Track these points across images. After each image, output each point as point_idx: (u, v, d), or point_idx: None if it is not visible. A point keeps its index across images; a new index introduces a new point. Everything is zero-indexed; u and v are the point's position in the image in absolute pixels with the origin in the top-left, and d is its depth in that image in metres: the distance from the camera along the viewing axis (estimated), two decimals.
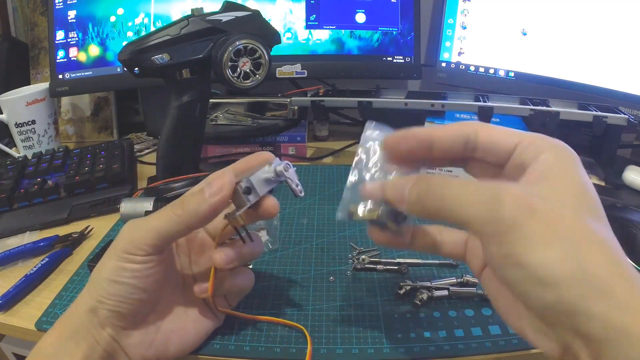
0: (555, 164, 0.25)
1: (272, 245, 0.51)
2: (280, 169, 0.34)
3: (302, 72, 0.76)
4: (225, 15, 0.52)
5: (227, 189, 0.32)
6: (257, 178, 0.33)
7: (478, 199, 0.24)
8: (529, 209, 0.22)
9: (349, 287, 0.45)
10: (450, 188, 0.25)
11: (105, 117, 0.89)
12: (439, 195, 0.25)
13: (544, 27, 0.71)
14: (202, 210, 0.31)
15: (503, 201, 0.23)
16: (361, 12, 0.76)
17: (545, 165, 0.25)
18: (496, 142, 0.27)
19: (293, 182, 0.35)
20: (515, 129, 0.27)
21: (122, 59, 0.51)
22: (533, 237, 0.22)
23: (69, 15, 0.74)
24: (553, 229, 0.22)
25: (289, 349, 0.37)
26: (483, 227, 0.23)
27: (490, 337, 0.38)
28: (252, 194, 0.33)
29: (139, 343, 0.33)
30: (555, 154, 0.25)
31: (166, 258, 0.34)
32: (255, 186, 0.33)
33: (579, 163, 0.25)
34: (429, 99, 0.63)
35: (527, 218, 0.22)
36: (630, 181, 0.62)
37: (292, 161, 0.74)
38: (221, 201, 0.32)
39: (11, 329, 0.42)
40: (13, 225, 0.56)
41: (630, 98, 0.65)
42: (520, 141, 0.26)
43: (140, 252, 0.31)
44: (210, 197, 0.31)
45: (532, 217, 0.22)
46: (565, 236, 0.22)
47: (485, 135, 0.27)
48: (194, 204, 0.31)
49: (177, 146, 0.56)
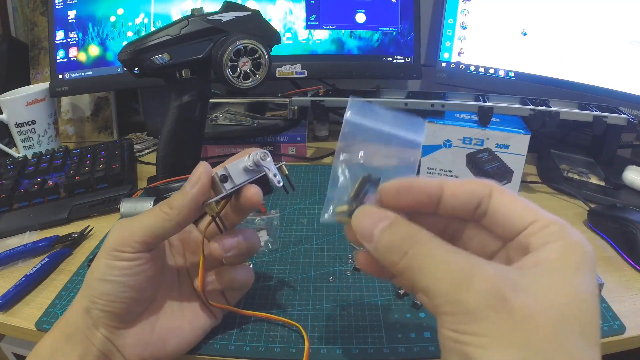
0: (561, 259, 0.21)
1: (272, 245, 0.51)
2: (257, 158, 0.34)
3: (302, 72, 0.76)
4: (225, 15, 0.52)
5: (204, 177, 0.33)
6: (235, 167, 0.34)
7: (447, 275, 0.21)
8: (499, 299, 0.20)
9: (349, 287, 0.45)
10: (424, 251, 0.22)
11: (105, 117, 0.89)
12: (410, 254, 0.22)
13: (544, 27, 0.71)
14: (186, 203, 0.32)
15: (472, 284, 0.20)
16: (361, 12, 0.76)
17: (549, 256, 0.21)
18: (509, 215, 0.23)
19: (271, 171, 0.34)
20: (534, 205, 0.23)
21: (122, 59, 0.51)
22: (493, 333, 0.19)
23: (69, 15, 0.74)
24: (519, 332, 0.19)
25: (289, 349, 0.37)
26: (443, 305, 0.21)
27: None
28: (228, 182, 0.33)
29: (134, 343, 0.33)
30: (567, 247, 0.21)
31: (157, 257, 0.34)
32: (231, 174, 0.33)
33: (591, 267, 0.21)
34: (429, 99, 0.63)
35: (493, 310, 0.19)
36: (630, 181, 0.62)
37: (292, 161, 0.75)
38: (200, 191, 0.32)
39: (11, 329, 0.42)
40: (13, 225, 0.56)
41: (630, 98, 0.65)
42: (536, 220, 0.22)
43: (129, 249, 0.31)
44: (190, 188, 0.32)
45: (500, 310, 0.19)
46: (530, 343, 0.19)
47: (498, 204, 0.23)
48: (179, 200, 0.32)
49: (177, 146, 0.56)
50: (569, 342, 0.19)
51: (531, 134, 0.59)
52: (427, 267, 0.22)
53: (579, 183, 0.64)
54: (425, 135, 0.62)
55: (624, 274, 0.47)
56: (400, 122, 0.29)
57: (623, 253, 0.50)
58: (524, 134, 0.59)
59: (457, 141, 0.61)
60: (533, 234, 0.22)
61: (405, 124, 0.29)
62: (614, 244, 0.51)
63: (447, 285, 0.21)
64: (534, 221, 0.22)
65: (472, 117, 0.63)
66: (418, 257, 0.22)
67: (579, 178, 0.65)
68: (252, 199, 0.34)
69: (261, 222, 0.55)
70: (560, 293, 0.20)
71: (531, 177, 0.69)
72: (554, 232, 0.22)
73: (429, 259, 0.22)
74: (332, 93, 0.71)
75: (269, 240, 0.52)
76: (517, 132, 0.59)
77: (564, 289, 0.20)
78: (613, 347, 0.39)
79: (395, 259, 0.23)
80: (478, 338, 0.19)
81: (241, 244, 0.35)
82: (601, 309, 0.41)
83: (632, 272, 0.48)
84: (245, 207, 0.35)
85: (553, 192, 0.65)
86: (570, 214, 0.59)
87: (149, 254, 0.33)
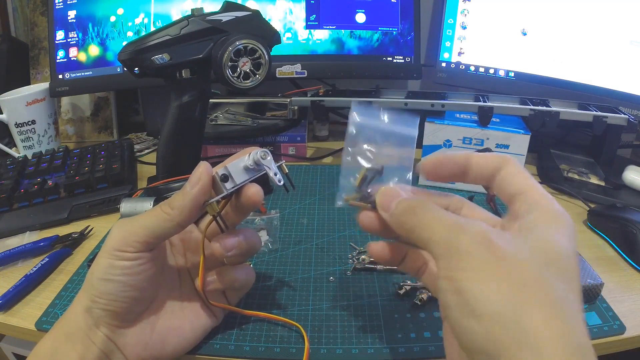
0: (544, 223, 0.24)
1: (272, 245, 0.51)
2: (257, 157, 0.34)
3: (302, 72, 0.76)
4: (225, 15, 0.52)
5: (204, 177, 0.33)
6: (236, 166, 0.34)
7: (444, 226, 0.25)
8: (486, 242, 0.23)
9: (349, 287, 0.45)
10: (428, 212, 0.27)
11: (105, 117, 0.89)
12: (419, 215, 0.27)
13: (544, 27, 0.71)
14: (187, 203, 0.32)
15: (464, 231, 0.24)
16: (361, 12, 0.76)
17: (533, 220, 0.25)
18: (509, 183, 0.27)
19: (271, 170, 0.34)
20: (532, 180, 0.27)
21: (122, 59, 0.51)
22: (480, 267, 0.22)
23: (69, 15, 0.74)
24: (506, 269, 0.22)
25: (289, 349, 0.37)
26: (439, 249, 0.24)
27: None
28: (229, 181, 0.33)
29: (135, 342, 0.33)
30: (549, 215, 0.25)
31: (158, 257, 0.34)
32: (232, 174, 0.33)
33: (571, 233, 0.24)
34: (429, 99, 0.63)
35: (481, 249, 0.23)
36: (630, 181, 0.62)
37: (292, 161, 0.75)
38: (201, 191, 0.32)
39: (11, 329, 0.42)
40: (13, 225, 0.56)
41: (630, 98, 0.65)
42: (525, 192, 0.26)
43: (130, 248, 0.32)
44: (191, 189, 0.32)
45: (487, 249, 0.22)
46: (513, 278, 0.21)
47: (505, 173, 0.27)
48: (180, 200, 0.32)
49: (177, 146, 0.56)
50: (551, 282, 0.22)
51: (531, 134, 0.59)
52: (428, 222, 0.26)
53: (579, 183, 0.64)
54: (425, 134, 0.62)
55: (624, 274, 0.47)
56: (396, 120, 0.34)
57: (623, 253, 0.49)
58: (524, 134, 0.59)
59: (457, 141, 0.62)
60: (522, 203, 0.26)
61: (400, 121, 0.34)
62: (614, 244, 0.51)
63: (444, 232, 0.24)
64: (523, 192, 0.26)
65: (472, 117, 0.63)
66: (423, 216, 0.27)
67: (579, 178, 0.65)
68: (252, 198, 0.34)
69: (261, 222, 0.55)
70: (542, 245, 0.23)
71: None
72: (539, 203, 0.25)
73: (431, 217, 0.26)
74: (332, 93, 0.71)
75: (269, 240, 0.52)
76: (517, 132, 0.59)
77: (546, 242, 0.23)
78: (613, 347, 0.39)
79: (406, 219, 0.28)
80: (469, 273, 0.22)
81: (242, 244, 0.36)
82: (601, 309, 0.41)
83: (632, 272, 0.48)
84: (246, 206, 0.35)
85: (553, 192, 0.65)
86: (570, 214, 0.58)
87: (150, 254, 0.33)
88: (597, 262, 0.48)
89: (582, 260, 0.44)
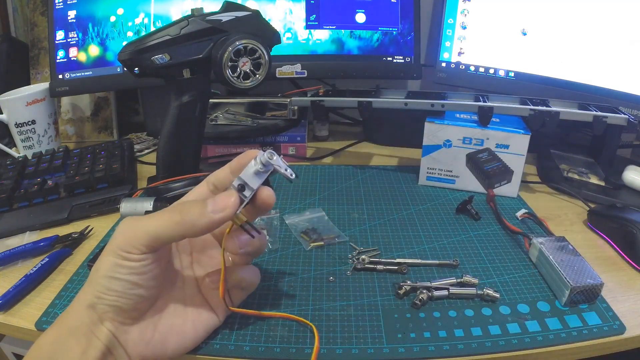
0: None
1: (272, 245, 0.51)
2: (265, 159, 0.34)
3: (302, 72, 0.76)
4: (225, 15, 0.52)
5: (230, 209, 0.33)
6: (247, 173, 0.34)
7: None
8: None
9: (349, 287, 0.45)
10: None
11: (105, 117, 0.89)
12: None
13: (544, 27, 0.71)
14: (201, 223, 0.32)
15: None
16: (361, 12, 0.76)
17: None
18: None
19: (282, 167, 0.35)
20: None
21: (122, 59, 0.51)
22: None
23: (69, 15, 0.74)
24: None
25: (289, 349, 0.37)
26: None
27: (490, 337, 0.38)
28: (246, 189, 0.34)
29: (137, 340, 0.33)
30: None
31: (164, 255, 0.35)
32: (247, 182, 0.34)
33: None
34: (429, 99, 0.63)
35: None
36: (630, 181, 0.62)
37: (292, 161, 0.75)
38: (223, 220, 0.32)
39: (11, 329, 0.42)
40: (13, 225, 0.56)
41: (630, 98, 0.65)
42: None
43: (135, 250, 0.32)
44: (213, 213, 0.32)
45: None
46: None
47: None
48: (194, 215, 0.32)
49: (177, 146, 0.56)
50: None
51: (531, 134, 0.59)
52: None
53: (579, 183, 0.64)
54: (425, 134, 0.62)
55: (624, 274, 0.47)
56: None
57: (623, 253, 0.49)
58: (524, 134, 0.59)
59: (457, 141, 0.62)
60: None
61: None
62: (614, 244, 0.51)
63: None
64: None
65: (472, 117, 0.63)
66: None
67: (579, 178, 0.65)
68: (267, 200, 0.35)
69: (261, 222, 0.55)
70: None
71: (531, 177, 0.69)
72: None
73: None
74: (332, 93, 0.71)
75: (269, 240, 0.52)
76: (517, 132, 0.59)
77: None
78: (613, 347, 0.39)
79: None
80: None
81: (254, 242, 0.36)
82: (601, 309, 0.41)
83: (632, 272, 0.48)
84: (262, 208, 0.36)
85: (553, 192, 0.65)
86: (570, 214, 0.59)
87: (155, 255, 0.33)
88: (597, 262, 0.48)
89: (582, 260, 0.44)
